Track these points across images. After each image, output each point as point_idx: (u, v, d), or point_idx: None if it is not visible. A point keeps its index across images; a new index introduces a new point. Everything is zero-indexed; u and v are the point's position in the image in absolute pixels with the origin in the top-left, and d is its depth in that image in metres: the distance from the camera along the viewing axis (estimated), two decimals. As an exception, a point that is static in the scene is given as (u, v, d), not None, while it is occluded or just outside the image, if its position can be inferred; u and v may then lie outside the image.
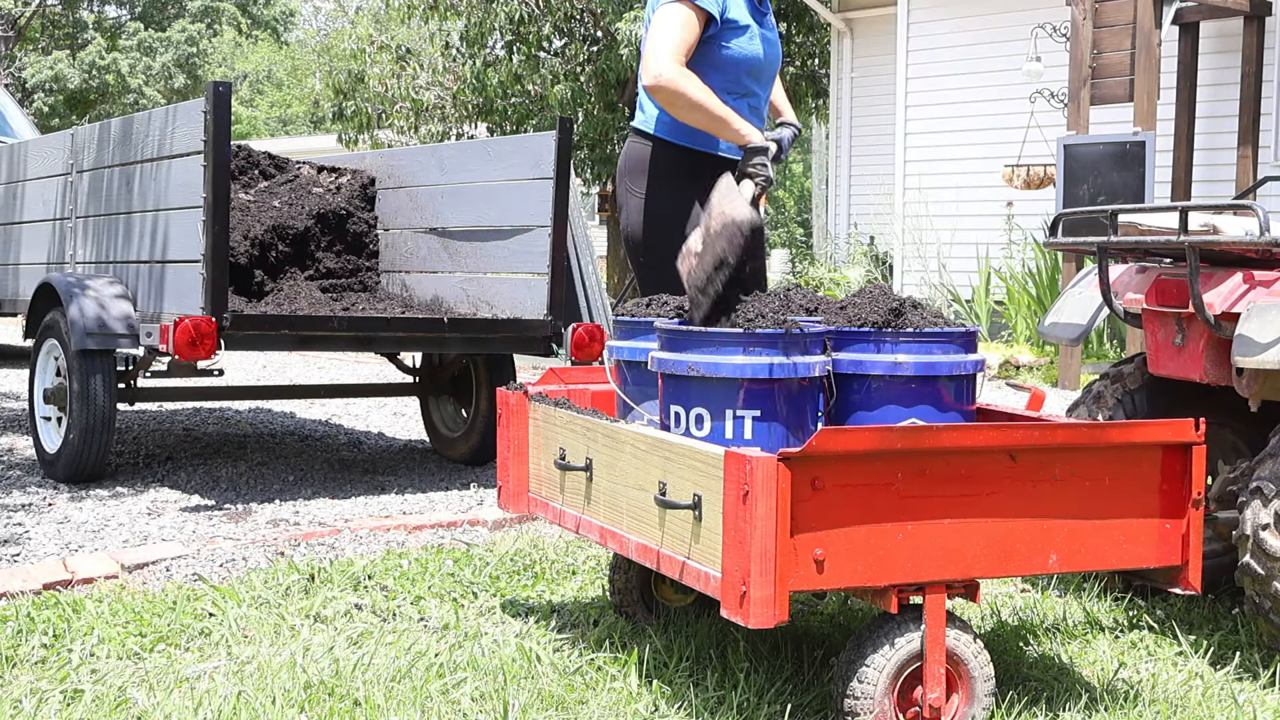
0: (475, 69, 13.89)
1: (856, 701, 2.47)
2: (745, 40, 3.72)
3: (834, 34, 13.16)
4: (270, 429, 6.64)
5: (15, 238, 6.28)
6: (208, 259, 4.50)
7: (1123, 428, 2.62)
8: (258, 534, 4.23)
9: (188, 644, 3.09)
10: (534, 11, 13.73)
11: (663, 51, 3.54)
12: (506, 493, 3.32)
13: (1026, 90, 10.07)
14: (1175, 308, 3.29)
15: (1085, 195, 7.86)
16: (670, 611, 3.25)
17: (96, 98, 34.60)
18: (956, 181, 10.95)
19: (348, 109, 14.85)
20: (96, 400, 4.91)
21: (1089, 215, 3.46)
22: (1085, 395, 3.70)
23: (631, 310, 3.13)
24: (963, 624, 2.57)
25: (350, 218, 5.93)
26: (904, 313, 2.83)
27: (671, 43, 3.55)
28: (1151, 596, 3.55)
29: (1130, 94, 8.00)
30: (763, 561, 2.33)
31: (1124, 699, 2.79)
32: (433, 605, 3.42)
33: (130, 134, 5.17)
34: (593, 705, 2.67)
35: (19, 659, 2.95)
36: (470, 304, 5.50)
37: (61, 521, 4.43)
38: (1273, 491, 2.89)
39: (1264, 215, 2.96)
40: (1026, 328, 9.64)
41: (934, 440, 2.46)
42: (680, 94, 3.53)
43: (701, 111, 3.55)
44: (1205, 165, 9.43)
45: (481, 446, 5.67)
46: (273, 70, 42.90)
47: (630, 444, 2.77)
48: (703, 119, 3.57)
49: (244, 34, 41.05)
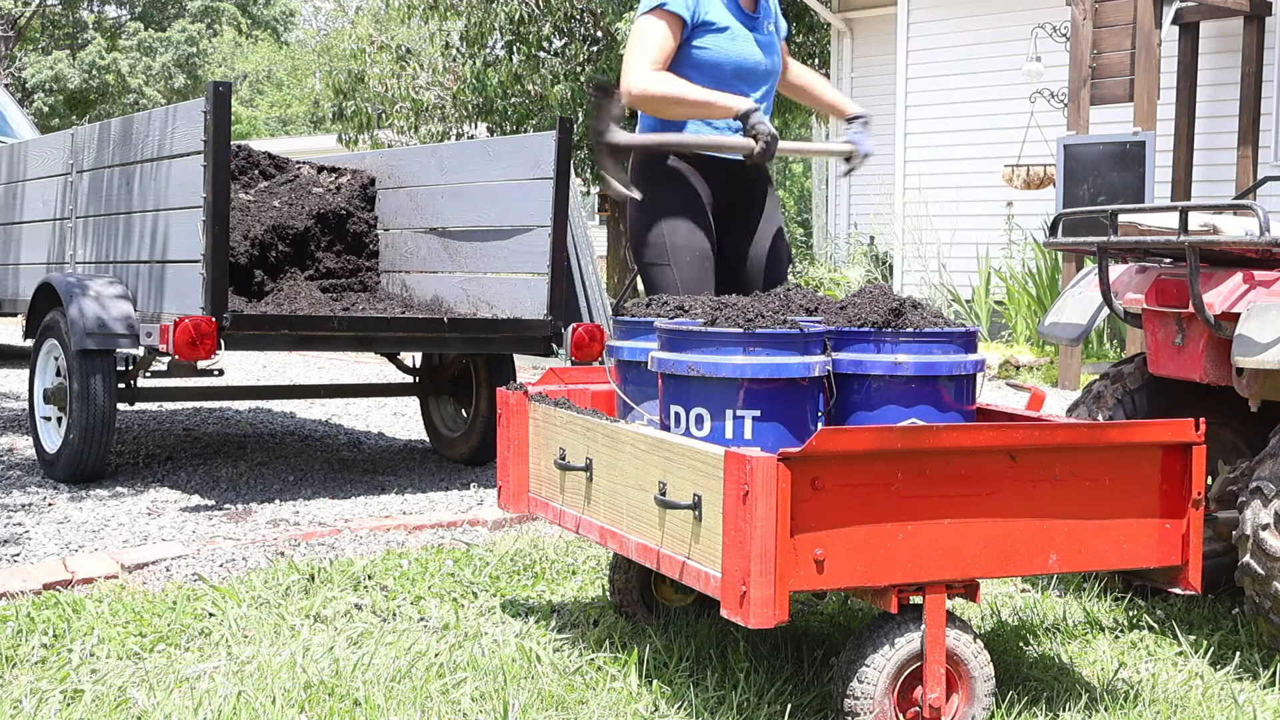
0: (475, 69, 13.89)
1: (856, 701, 2.47)
2: (725, 40, 3.77)
3: (834, 34, 13.16)
4: (270, 429, 6.64)
5: (15, 238, 6.28)
6: (208, 259, 4.50)
7: (1123, 428, 2.62)
8: (258, 534, 4.23)
9: (188, 644, 3.09)
10: (534, 11, 13.72)
11: (636, 66, 3.67)
12: (506, 493, 3.32)
13: (1026, 90, 10.07)
14: (1175, 308, 3.29)
15: (1085, 195, 7.86)
16: (670, 611, 3.25)
17: (96, 98, 34.61)
18: (956, 181, 10.95)
19: (348, 109, 14.84)
20: (96, 400, 4.91)
21: (1089, 215, 3.46)
22: (1085, 395, 3.70)
23: (631, 310, 3.13)
24: (963, 624, 2.57)
25: (350, 218, 5.93)
26: (904, 313, 2.83)
27: (645, 55, 3.68)
28: (1151, 596, 3.55)
29: (1130, 94, 8.00)
30: (763, 561, 2.33)
31: (1124, 699, 2.79)
32: (433, 605, 3.42)
33: (130, 134, 5.17)
34: (593, 705, 2.67)
35: (19, 659, 2.95)
36: (470, 304, 5.50)
37: (61, 521, 4.43)
38: (1273, 491, 2.89)
39: (1264, 215, 2.96)
40: (1026, 328, 9.64)
41: (934, 440, 2.46)
42: (656, 96, 3.65)
43: (683, 103, 3.66)
44: (1205, 165, 9.43)
45: (481, 446, 5.67)
46: (273, 70, 42.91)
47: (630, 444, 2.77)
48: (688, 109, 3.68)
49: (244, 34, 41.06)
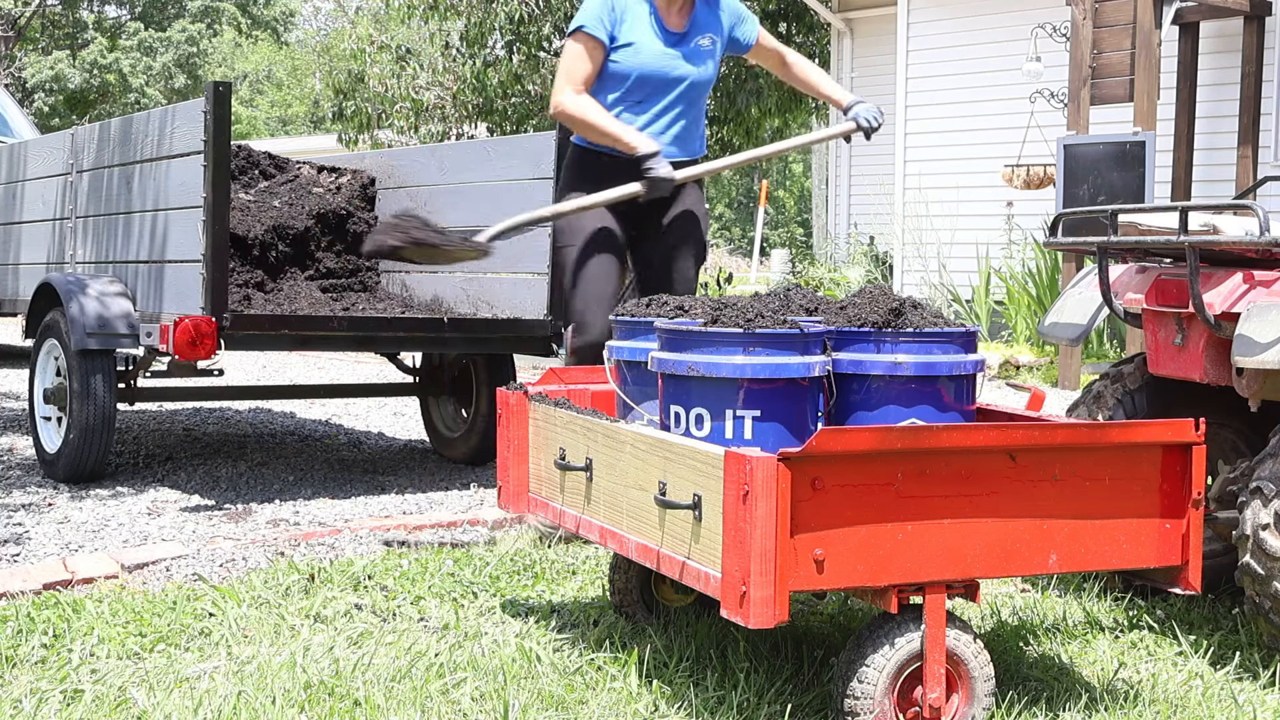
0: (475, 69, 13.88)
1: (856, 701, 2.47)
2: (630, 55, 4.16)
3: (834, 34, 13.16)
4: (270, 429, 6.64)
5: (15, 238, 6.28)
6: (208, 259, 4.50)
7: (1123, 428, 2.62)
8: (258, 534, 4.23)
9: (188, 644, 3.09)
10: (534, 11, 13.72)
11: (561, 84, 4.15)
12: (506, 493, 3.32)
13: (1026, 90, 10.06)
14: (1175, 308, 3.29)
15: (1085, 195, 7.86)
16: (670, 611, 3.25)
17: (97, 98, 34.61)
18: (956, 181, 10.94)
19: (348, 109, 14.83)
20: (96, 400, 4.91)
21: (1089, 215, 3.46)
22: (1085, 395, 3.70)
23: (631, 310, 3.14)
24: (963, 624, 2.57)
25: (350, 218, 5.93)
26: (904, 313, 2.83)
27: (568, 74, 4.14)
28: (1151, 596, 3.55)
29: (1130, 94, 8.00)
30: (763, 561, 2.33)
31: (1124, 699, 2.79)
32: (433, 605, 3.42)
33: (130, 134, 5.17)
34: (593, 705, 2.67)
35: (19, 659, 2.95)
36: (470, 304, 5.50)
37: (61, 521, 4.43)
38: (1273, 491, 2.89)
39: (1264, 215, 2.96)
40: (1026, 328, 9.64)
41: (934, 440, 2.46)
42: (573, 118, 4.14)
43: (593, 130, 4.13)
44: (1205, 165, 9.42)
45: (481, 446, 5.67)
46: (273, 70, 42.91)
47: (630, 444, 2.77)
48: (597, 136, 4.14)
49: (244, 34, 41.06)
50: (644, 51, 4.19)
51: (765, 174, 30.65)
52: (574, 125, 4.19)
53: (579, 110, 4.12)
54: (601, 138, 4.13)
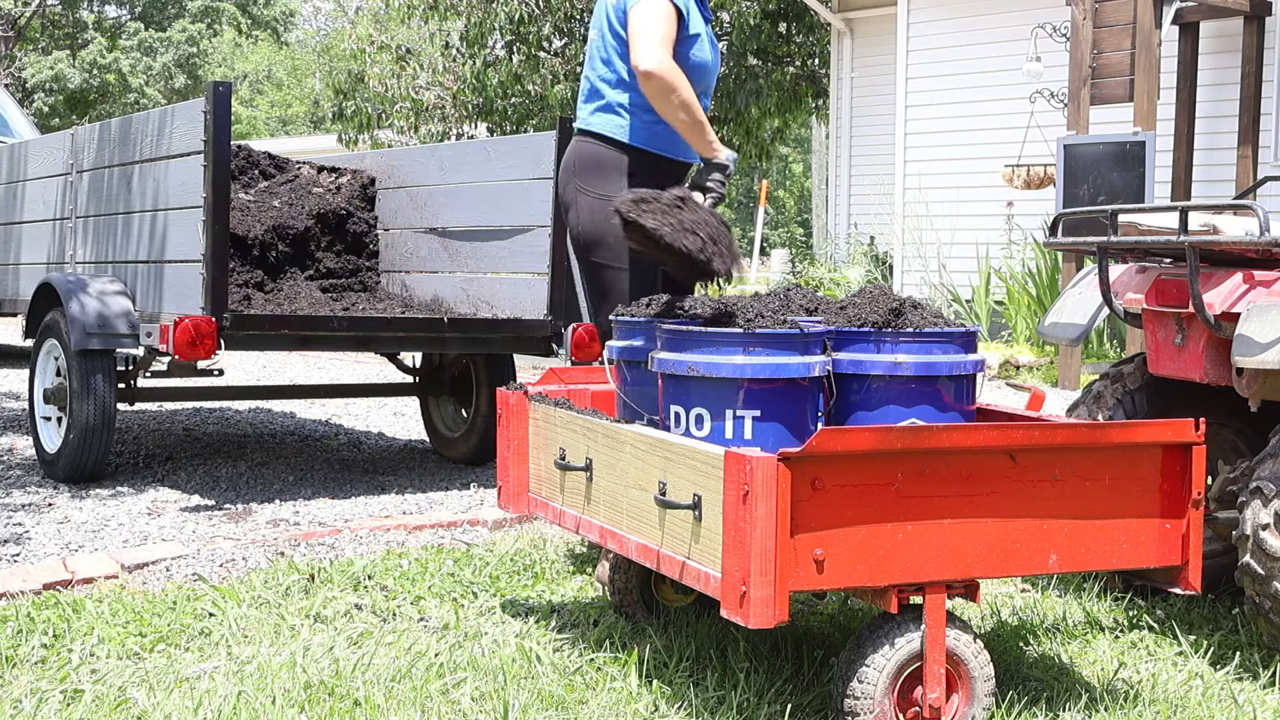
0: (475, 69, 13.89)
1: (856, 701, 2.47)
2: (698, 48, 3.70)
3: (834, 34, 13.16)
4: (270, 429, 6.64)
5: (15, 238, 6.28)
6: (208, 259, 4.50)
7: (1123, 428, 2.62)
8: (258, 534, 4.23)
9: (188, 644, 3.09)
10: (534, 11, 13.72)
11: (657, 41, 3.48)
12: (506, 493, 3.32)
13: (1026, 90, 10.06)
14: (1175, 308, 3.29)
15: (1085, 195, 7.86)
16: (670, 611, 3.25)
17: (97, 98, 34.61)
18: (956, 181, 10.94)
19: (348, 109, 14.84)
20: (97, 400, 4.91)
21: (1089, 215, 3.46)
22: (1085, 395, 3.70)
23: (631, 310, 3.14)
24: (963, 624, 2.57)
25: (350, 218, 5.93)
26: (904, 313, 2.83)
27: (662, 34, 3.51)
28: (1151, 596, 3.55)
29: (1130, 94, 8.00)
30: (763, 561, 2.33)
31: (1124, 699, 2.79)
32: (433, 605, 3.42)
33: (130, 134, 5.17)
34: (593, 705, 2.67)
35: (19, 659, 2.95)
36: (470, 304, 5.50)
37: (61, 521, 4.43)
38: (1273, 491, 2.89)
39: (1264, 215, 2.96)
40: (1026, 328, 9.64)
41: (934, 440, 2.46)
42: (675, 89, 3.50)
43: (687, 112, 3.54)
44: (1205, 165, 9.42)
45: (481, 446, 5.67)
46: (273, 70, 42.91)
47: (630, 444, 2.77)
48: (686, 120, 3.56)
49: (244, 34, 41.06)
50: (707, 46, 3.74)
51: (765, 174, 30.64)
52: (662, 94, 3.51)
53: (681, 83, 3.50)
54: (682, 122, 3.56)
